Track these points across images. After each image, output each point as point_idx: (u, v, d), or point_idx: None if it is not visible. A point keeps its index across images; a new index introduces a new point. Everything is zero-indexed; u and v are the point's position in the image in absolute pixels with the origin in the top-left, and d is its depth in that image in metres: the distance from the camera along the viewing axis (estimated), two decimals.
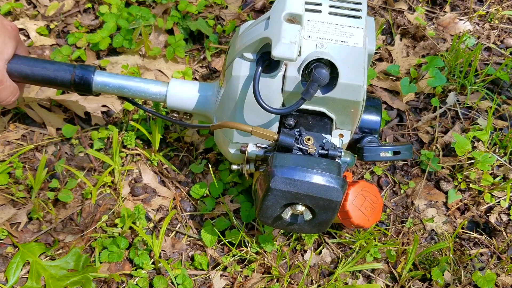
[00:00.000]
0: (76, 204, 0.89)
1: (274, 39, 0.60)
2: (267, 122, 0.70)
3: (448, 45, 1.13)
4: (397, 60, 1.11)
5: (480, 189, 0.94)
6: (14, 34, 0.78)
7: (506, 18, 1.19)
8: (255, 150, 0.73)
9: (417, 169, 0.97)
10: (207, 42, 1.08)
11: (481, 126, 1.01)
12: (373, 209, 0.76)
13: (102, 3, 1.10)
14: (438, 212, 0.93)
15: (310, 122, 0.69)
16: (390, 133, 1.01)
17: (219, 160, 0.95)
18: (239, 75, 0.67)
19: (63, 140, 0.96)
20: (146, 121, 0.97)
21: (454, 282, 0.85)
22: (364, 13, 0.70)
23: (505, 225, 0.92)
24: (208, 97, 0.78)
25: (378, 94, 1.06)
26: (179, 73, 1.04)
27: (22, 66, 0.78)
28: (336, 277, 0.84)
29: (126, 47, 1.03)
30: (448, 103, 1.04)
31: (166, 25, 1.07)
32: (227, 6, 1.14)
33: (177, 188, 0.93)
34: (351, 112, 0.68)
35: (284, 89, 0.66)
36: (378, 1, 1.20)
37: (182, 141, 0.97)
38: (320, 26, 0.67)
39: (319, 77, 0.61)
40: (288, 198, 0.62)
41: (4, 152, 0.93)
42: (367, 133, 0.76)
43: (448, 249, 0.87)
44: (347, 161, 0.68)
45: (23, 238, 0.85)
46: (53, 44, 1.08)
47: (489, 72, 1.08)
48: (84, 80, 0.79)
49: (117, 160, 0.90)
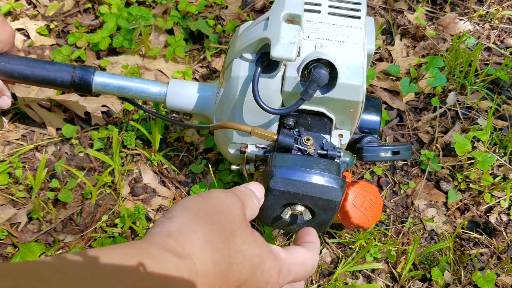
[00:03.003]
0: (76, 204, 0.89)
1: (273, 40, 0.60)
2: (266, 123, 0.70)
3: (448, 45, 1.13)
4: (397, 60, 1.11)
5: (480, 189, 0.94)
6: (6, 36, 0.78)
7: (506, 18, 1.19)
8: (254, 151, 0.73)
9: (417, 169, 0.97)
10: (207, 42, 1.08)
11: (481, 126, 1.01)
12: (373, 209, 0.76)
13: (102, 3, 1.10)
14: (438, 212, 0.93)
15: (309, 122, 0.69)
16: (390, 133, 1.01)
17: (219, 160, 0.95)
18: (238, 76, 0.67)
19: (63, 140, 0.96)
20: (146, 121, 0.97)
21: (454, 282, 0.85)
22: (364, 13, 0.70)
23: (505, 225, 0.92)
24: (207, 98, 0.78)
25: (378, 94, 1.06)
26: (179, 73, 1.04)
27: (7, 66, 0.78)
28: (336, 277, 0.84)
29: (126, 47, 1.03)
30: (448, 103, 1.04)
31: (166, 25, 1.07)
32: (227, 6, 1.14)
33: (177, 188, 0.93)
34: (351, 112, 0.68)
35: (283, 90, 0.66)
36: (378, 1, 1.20)
37: (182, 141, 0.97)
38: (319, 26, 0.67)
39: (318, 77, 0.61)
40: (288, 198, 0.62)
41: (4, 152, 0.93)
42: (366, 133, 0.76)
43: (448, 249, 0.87)
44: (347, 161, 0.68)
45: (23, 238, 0.86)
46: (53, 44, 1.08)
47: (489, 72, 1.08)
48: (84, 81, 0.79)
49: (117, 160, 0.90)
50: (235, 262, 0.45)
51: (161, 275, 0.38)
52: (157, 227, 0.44)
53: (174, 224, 0.44)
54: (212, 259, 0.43)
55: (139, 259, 0.38)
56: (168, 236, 0.42)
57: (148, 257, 0.38)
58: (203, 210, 0.46)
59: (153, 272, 0.37)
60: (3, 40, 0.77)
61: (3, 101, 0.83)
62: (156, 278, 0.38)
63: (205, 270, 0.42)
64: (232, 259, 0.44)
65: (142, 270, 0.37)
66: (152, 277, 0.37)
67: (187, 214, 0.45)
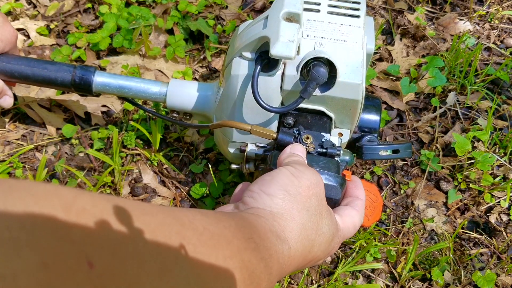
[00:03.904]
0: None
1: (273, 38, 0.61)
2: (266, 121, 0.70)
3: (448, 45, 1.13)
4: (397, 60, 1.11)
5: (480, 189, 0.94)
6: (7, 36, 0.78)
7: (506, 18, 1.19)
8: (254, 149, 0.73)
9: (417, 169, 0.97)
10: (207, 42, 1.08)
11: (481, 126, 1.01)
12: (373, 208, 0.76)
13: (102, 3, 1.10)
14: (438, 212, 0.93)
15: (309, 121, 0.69)
16: (390, 133, 1.01)
17: (219, 160, 0.95)
18: (238, 74, 0.67)
19: (63, 140, 0.96)
20: (146, 121, 0.97)
21: (454, 282, 0.85)
22: (363, 12, 0.70)
23: (505, 225, 0.92)
24: (207, 97, 0.79)
25: (378, 94, 1.06)
26: (179, 73, 1.04)
27: (7, 65, 0.78)
28: (336, 277, 0.84)
29: (126, 47, 1.04)
30: (448, 103, 1.04)
31: (166, 25, 1.08)
32: (227, 6, 1.15)
33: (177, 188, 0.93)
34: (350, 111, 0.68)
35: (283, 88, 0.66)
36: (378, 1, 1.20)
37: (182, 141, 0.97)
38: (319, 25, 0.67)
39: (318, 76, 0.61)
40: None
41: (4, 152, 0.93)
42: (366, 132, 0.76)
43: (448, 249, 0.87)
44: (346, 160, 0.68)
45: None
46: (53, 44, 1.08)
47: (489, 72, 1.08)
48: (84, 81, 0.79)
49: (117, 160, 0.90)
50: (317, 243, 0.51)
51: (264, 254, 0.44)
52: (257, 201, 0.50)
53: (274, 205, 0.49)
54: (303, 245, 0.49)
55: (250, 233, 0.44)
56: (272, 218, 0.48)
57: (256, 234, 0.44)
58: (299, 193, 0.50)
59: (259, 249, 0.44)
60: (4, 39, 0.77)
61: (5, 101, 0.83)
62: (259, 255, 0.43)
63: (295, 254, 0.48)
64: (315, 242, 0.51)
65: (253, 246, 0.43)
66: (257, 252, 0.43)
67: (286, 197, 0.50)
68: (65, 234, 0.29)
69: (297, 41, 0.60)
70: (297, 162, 0.56)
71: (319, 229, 0.51)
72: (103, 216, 0.32)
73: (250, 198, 0.50)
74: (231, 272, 0.40)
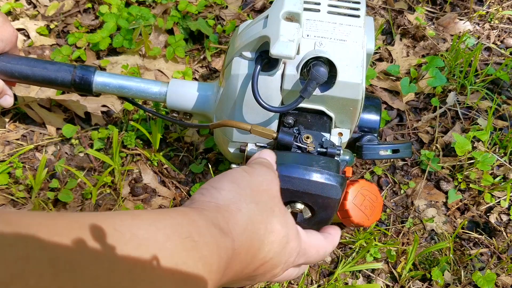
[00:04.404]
0: (76, 204, 0.89)
1: (273, 37, 0.60)
2: (266, 121, 0.70)
3: (448, 45, 1.13)
4: (397, 60, 1.11)
5: (480, 189, 0.94)
6: (7, 36, 0.78)
7: (506, 18, 1.19)
8: (254, 149, 0.73)
9: (417, 169, 0.97)
10: (207, 42, 1.08)
11: (481, 126, 1.01)
12: (373, 208, 0.76)
13: (102, 3, 1.10)
14: (438, 212, 0.93)
15: (309, 120, 0.69)
16: (390, 133, 1.01)
17: (219, 160, 0.95)
18: (238, 74, 0.67)
19: (63, 140, 0.96)
20: (146, 121, 0.97)
21: (454, 282, 0.85)
22: (363, 12, 0.70)
23: (505, 225, 0.92)
24: (208, 97, 0.79)
25: (378, 94, 1.06)
26: (179, 73, 1.04)
27: (7, 65, 0.78)
28: (336, 277, 0.84)
29: (126, 47, 1.04)
30: (448, 103, 1.04)
31: (166, 25, 1.08)
32: (227, 6, 1.15)
33: (177, 188, 0.93)
34: (350, 111, 0.68)
35: (283, 87, 0.66)
36: (378, 1, 1.20)
37: (182, 141, 0.97)
38: (319, 25, 0.67)
39: (318, 75, 0.61)
40: (287, 196, 0.61)
41: (4, 152, 0.93)
42: (366, 132, 0.76)
43: (448, 249, 0.87)
44: (346, 159, 0.68)
45: None
46: (53, 44, 1.08)
47: (489, 72, 1.08)
48: (84, 81, 0.79)
49: (117, 160, 0.90)
50: (267, 241, 0.48)
51: (203, 252, 0.41)
52: (205, 195, 0.47)
53: (221, 197, 0.47)
54: (250, 239, 0.46)
55: (189, 231, 0.41)
56: (216, 210, 0.45)
57: (196, 230, 0.42)
58: (249, 187, 0.49)
59: (197, 247, 0.41)
60: (4, 39, 0.77)
61: (5, 101, 0.83)
62: (197, 254, 0.41)
63: (240, 248, 0.45)
64: (266, 239, 0.48)
65: (190, 245, 0.40)
66: (195, 251, 0.40)
67: (234, 189, 0.48)
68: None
69: (297, 40, 0.60)
70: (258, 163, 0.54)
71: (269, 225, 0.48)
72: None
73: (199, 195, 0.48)
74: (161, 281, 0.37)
